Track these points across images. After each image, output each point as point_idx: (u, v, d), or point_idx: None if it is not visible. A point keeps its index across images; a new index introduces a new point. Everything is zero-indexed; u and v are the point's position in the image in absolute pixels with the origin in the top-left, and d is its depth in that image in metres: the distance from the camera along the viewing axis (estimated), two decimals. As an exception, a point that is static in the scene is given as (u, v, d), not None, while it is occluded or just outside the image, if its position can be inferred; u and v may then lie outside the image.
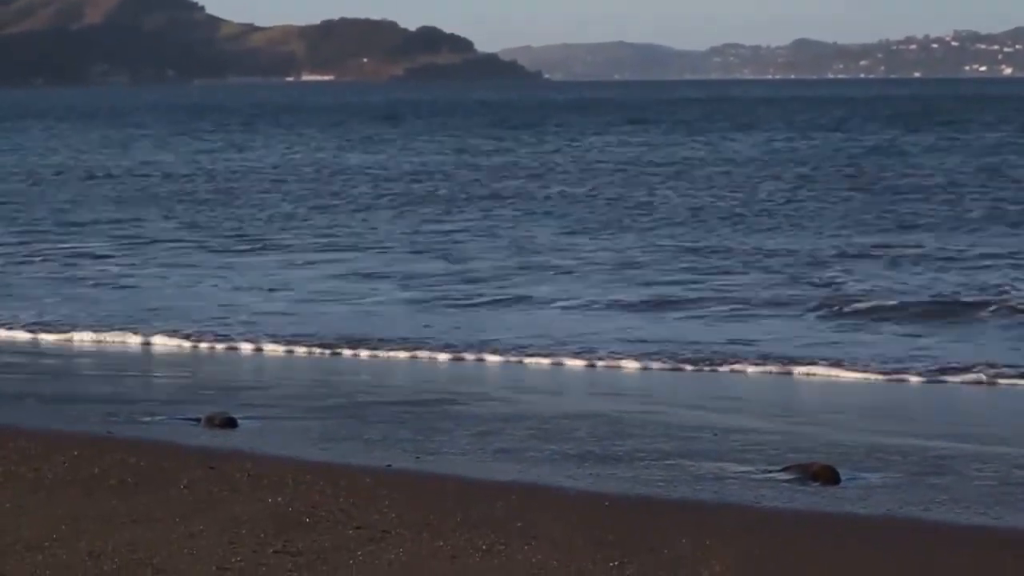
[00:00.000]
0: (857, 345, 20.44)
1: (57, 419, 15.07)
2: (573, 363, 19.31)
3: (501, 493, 11.56)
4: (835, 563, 9.78)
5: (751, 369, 18.70)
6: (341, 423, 15.19)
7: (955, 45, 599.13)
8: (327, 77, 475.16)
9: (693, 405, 16.55)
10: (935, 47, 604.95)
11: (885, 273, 27.93)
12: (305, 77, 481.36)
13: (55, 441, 13.44)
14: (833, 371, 18.38)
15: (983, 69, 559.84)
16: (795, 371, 18.49)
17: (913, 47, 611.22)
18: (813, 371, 18.44)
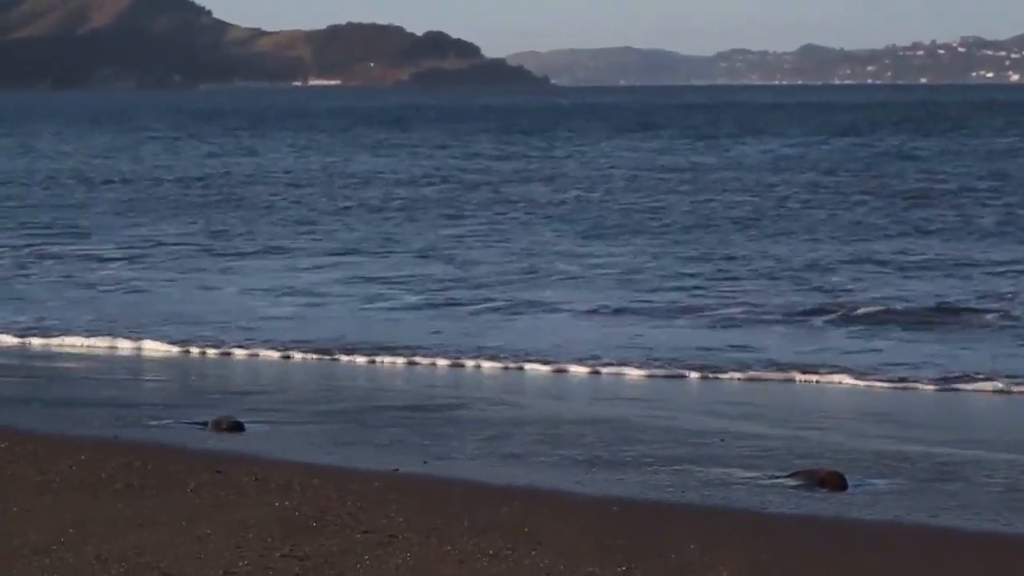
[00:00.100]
0: (865, 352, 20.37)
1: (63, 423, 15.08)
2: (581, 369, 19.25)
3: (509, 498, 11.56)
4: (842, 569, 9.78)
5: (758, 376, 18.63)
6: (348, 427, 15.19)
7: (962, 51, 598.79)
8: (334, 82, 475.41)
9: (700, 411, 16.54)
10: (942, 53, 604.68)
11: (894, 280, 27.81)
12: (312, 82, 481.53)
13: (62, 445, 13.46)
14: (839, 378, 18.30)
15: (990, 75, 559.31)
16: (802, 378, 18.41)
17: (920, 53, 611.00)
18: (820, 378, 18.36)
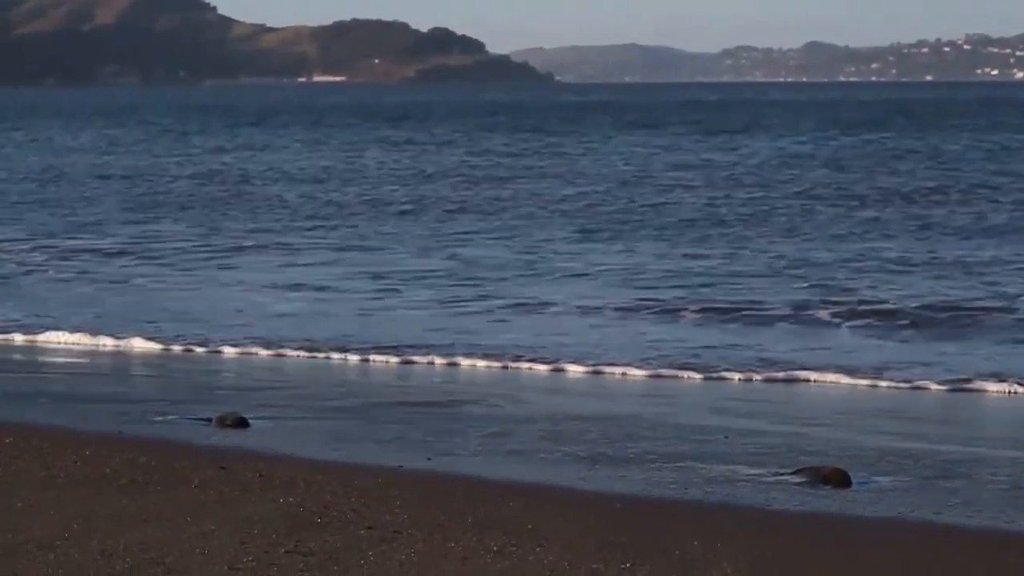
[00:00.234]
0: (871, 351, 20.31)
1: (68, 418, 15.10)
2: (583, 368, 19.19)
3: (512, 494, 11.57)
4: (845, 565, 9.78)
5: (763, 375, 18.55)
6: (352, 424, 15.20)
7: (967, 49, 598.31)
8: (339, 78, 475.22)
9: (704, 408, 16.54)
10: (947, 50, 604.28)
11: (903, 278, 27.62)
12: (317, 78, 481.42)
13: (66, 440, 13.46)
14: (844, 378, 18.22)
15: (995, 73, 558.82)
16: (808, 377, 18.32)
17: (925, 50, 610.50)
18: (825, 377, 18.29)
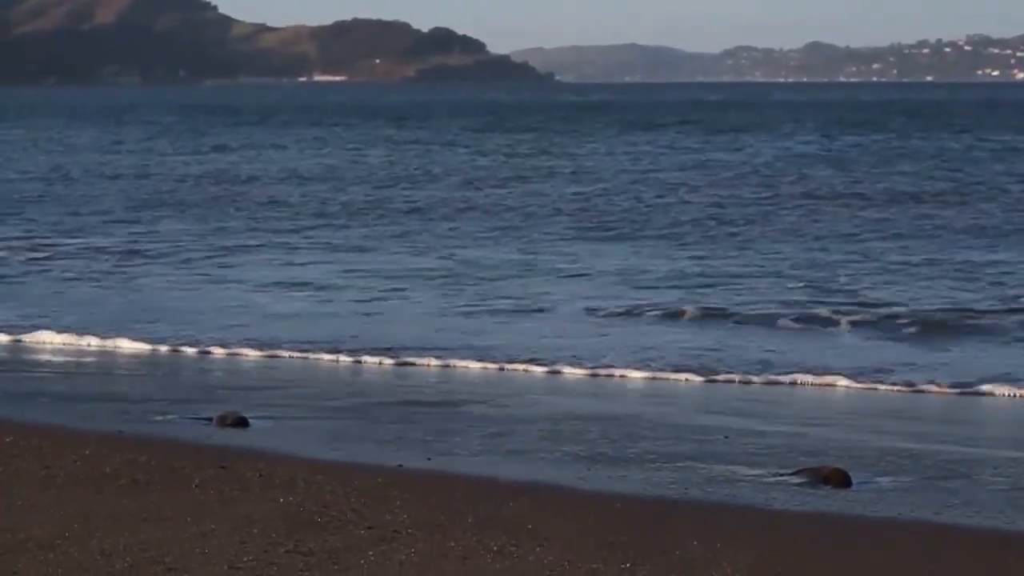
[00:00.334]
0: (873, 354, 20.19)
1: (68, 417, 15.09)
2: (583, 370, 19.13)
3: (512, 494, 11.57)
4: (845, 565, 9.78)
5: (764, 377, 18.48)
6: (352, 423, 15.21)
7: (968, 49, 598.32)
8: (339, 78, 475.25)
9: (704, 409, 16.54)
10: (948, 51, 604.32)
11: (906, 281, 27.39)
12: (317, 78, 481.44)
13: (66, 439, 13.46)
14: (845, 381, 18.14)
15: (995, 73, 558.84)
16: (808, 380, 18.26)
17: (926, 51, 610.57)
18: (826, 380, 18.21)
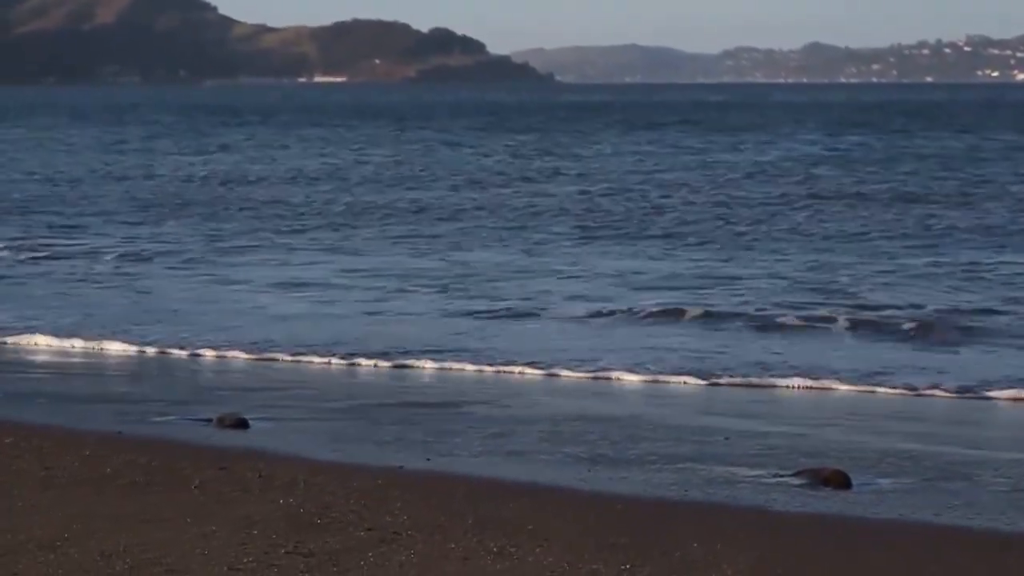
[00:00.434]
0: (874, 357, 20.06)
1: (68, 418, 15.09)
2: (585, 372, 19.03)
3: (513, 495, 11.57)
4: (846, 567, 9.77)
5: (764, 381, 18.39)
6: (353, 424, 15.20)
7: (967, 50, 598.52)
8: (339, 78, 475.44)
9: (704, 411, 16.53)
10: (947, 52, 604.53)
11: (908, 284, 27.14)
12: (317, 78, 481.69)
13: (67, 440, 13.46)
14: (845, 385, 18.09)
15: (995, 74, 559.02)
16: (809, 383, 18.17)
17: (925, 52, 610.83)
18: (827, 383, 18.14)
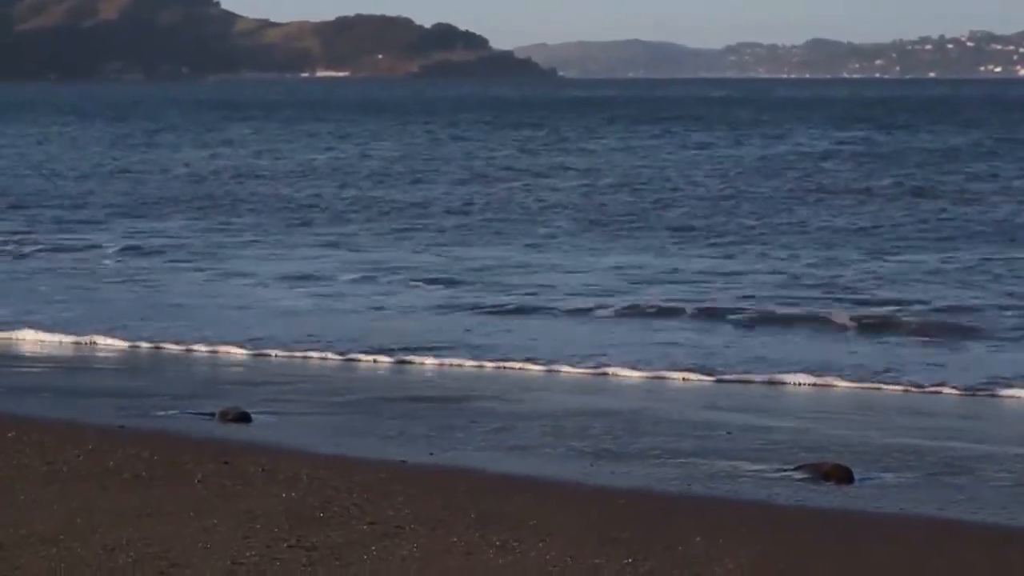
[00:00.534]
0: (878, 356, 19.97)
1: (70, 412, 15.09)
2: (588, 368, 19.00)
3: (515, 490, 11.57)
4: (847, 561, 9.78)
5: (766, 376, 18.34)
6: (355, 419, 15.21)
7: (970, 46, 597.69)
8: (342, 73, 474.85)
9: (706, 406, 16.53)
10: (950, 47, 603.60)
11: (913, 281, 27.06)
12: (320, 73, 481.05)
13: (69, 434, 13.46)
14: (848, 380, 18.04)
15: (998, 70, 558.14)
16: (814, 381, 18.09)
17: (928, 47, 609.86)
18: (831, 380, 18.08)
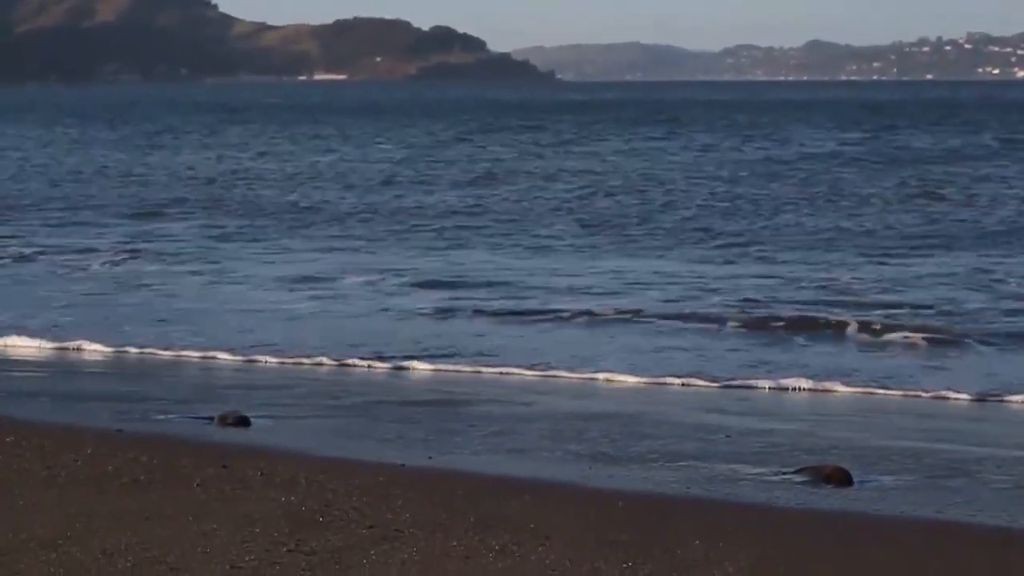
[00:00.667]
0: (881, 361, 19.92)
1: (69, 416, 15.08)
2: (589, 373, 18.96)
3: (514, 493, 11.56)
4: (847, 564, 9.77)
5: (766, 380, 18.31)
6: (354, 422, 15.20)
7: (968, 48, 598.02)
8: (340, 76, 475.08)
9: (706, 409, 16.53)
10: (948, 49, 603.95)
11: (916, 286, 26.92)
12: (318, 76, 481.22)
13: (68, 439, 13.45)
14: (847, 384, 18.04)
15: (996, 72, 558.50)
16: (813, 385, 18.06)
17: (926, 49, 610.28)
18: (832, 385, 18.06)
